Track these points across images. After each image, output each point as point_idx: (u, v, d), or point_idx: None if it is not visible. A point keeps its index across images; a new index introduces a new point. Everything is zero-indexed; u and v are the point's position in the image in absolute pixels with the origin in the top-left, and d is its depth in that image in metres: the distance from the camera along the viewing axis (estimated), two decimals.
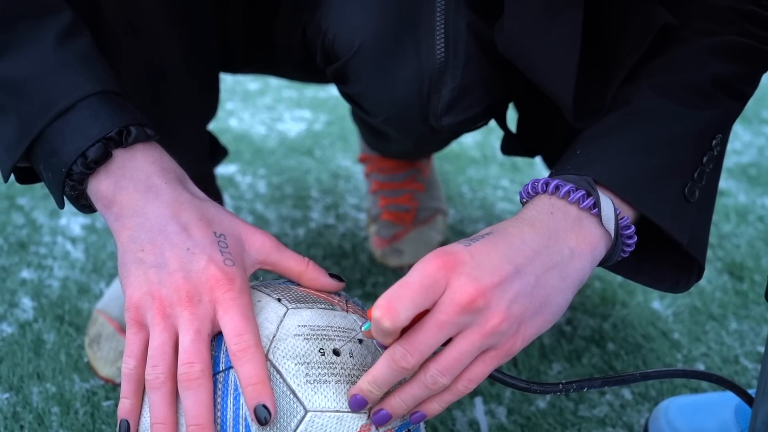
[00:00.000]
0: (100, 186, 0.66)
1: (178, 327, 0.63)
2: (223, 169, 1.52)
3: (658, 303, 1.17)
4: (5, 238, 1.27)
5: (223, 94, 1.89)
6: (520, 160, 1.57)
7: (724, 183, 1.54)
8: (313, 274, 0.70)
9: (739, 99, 0.74)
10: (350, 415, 0.64)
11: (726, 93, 0.72)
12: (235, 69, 1.05)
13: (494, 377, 0.66)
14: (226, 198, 1.42)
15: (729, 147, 1.71)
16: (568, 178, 0.66)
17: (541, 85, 0.74)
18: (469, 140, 1.69)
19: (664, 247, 0.72)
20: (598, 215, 0.65)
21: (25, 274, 1.19)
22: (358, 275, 1.22)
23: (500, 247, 0.62)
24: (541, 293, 0.62)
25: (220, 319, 0.63)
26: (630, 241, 0.67)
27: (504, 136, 0.95)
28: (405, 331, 0.61)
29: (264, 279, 0.74)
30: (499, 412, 0.96)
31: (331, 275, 0.71)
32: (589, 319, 1.13)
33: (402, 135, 0.90)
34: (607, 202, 0.65)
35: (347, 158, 1.61)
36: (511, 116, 0.94)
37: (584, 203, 0.65)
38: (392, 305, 0.58)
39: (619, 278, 1.21)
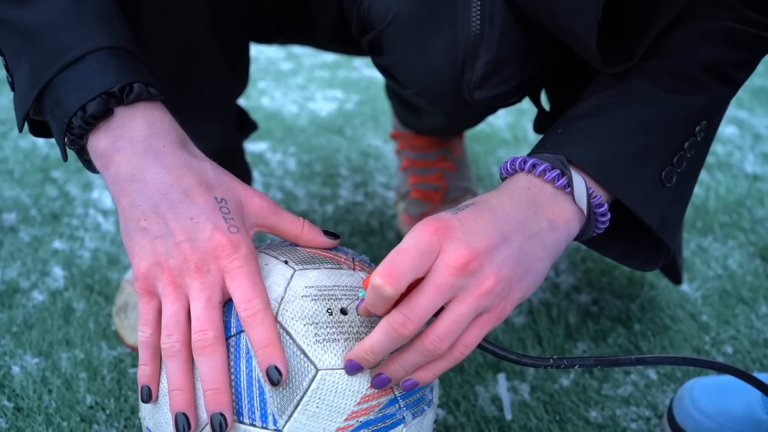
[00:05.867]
0: (99, 143, 0.65)
1: (190, 296, 0.63)
2: (254, 147, 1.53)
3: (687, 285, 1.15)
4: (39, 209, 1.29)
5: (256, 73, 1.90)
6: None
7: (760, 168, 1.52)
8: (310, 235, 0.71)
9: (731, 85, 0.74)
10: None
11: (716, 79, 0.72)
12: (268, 39, 1.05)
13: (486, 349, 0.66)
14: (256, 175, 1.43)
15: (767, 133, 1.68)
16: (544, 157, 0.68)
17: (564, 30, 0.73)
18: (500, 122, 1.68)
19: (636, 227, 0.74)
20: (572, 193, 0.67)
21: (57, 244, 1.20)
22: (385, 252, 1.20)
23: (486, 216, 0.63)
24: (525, 259, 0.64)
25: (228, 287, 0.64)
26: (603, 218, 0.69)
27: (537, 113, 0.94)
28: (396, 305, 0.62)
29: (272, 241, 0.75)
30: (522, 389, 0.95)
31: (326, 233, 0.72)
32: (616, 299, 1.12)
33: (435, 108, 0.89)
34: (579, 181, 0.67)
35: (378, 138, 1.61)
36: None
37: (558, 182, 0.67)
38: (392, 271, 0.59)
39: None
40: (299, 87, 1.85)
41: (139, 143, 0.65)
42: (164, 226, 0.64)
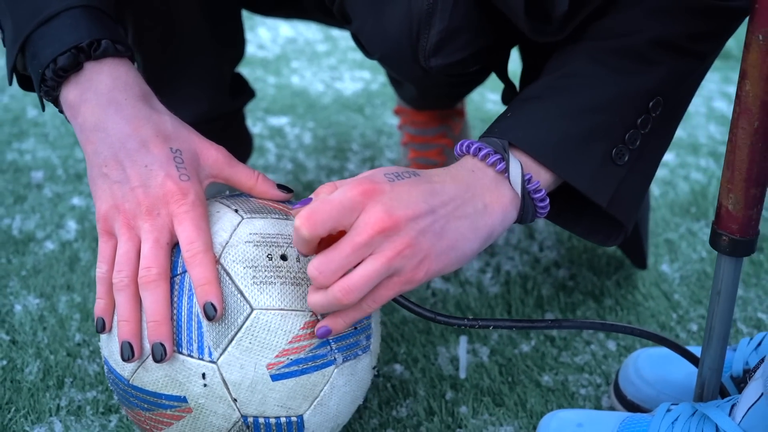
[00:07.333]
0: (69, 95, 0.72)
1: (141, 237, 0.70)
2: (275, 121, 1.60)
3: (667, 266, 1.17)
4: (65, 169, 1.39)
5: (292, 53, 1.97)
6: None
7: None
8: (263, 188, 0.77)
9: (692, 57, 0.76)
10: (293, 312, 0.71)
11: (670, 53, 0.74)
12: (265, 10, 1.11)
13: (403, 305, 0.71)
14: (271, 146, 1.50)
15: None
16: (490, 141, 0.72)
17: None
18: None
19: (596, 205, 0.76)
20: (509, 178, 0.70)
21: (76, 201, 1.30)
22: None
23: (420, 188, 0.67)
24: (449, 236, 0.67)
25: (176, 230, 0.70)
26: (542, 203, 0.72)
27: (504, 87, 0.98)
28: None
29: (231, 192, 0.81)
30: (483, 352, 1.00)
31: (279, 186, 0.77)
32: (593, 276, 1.15)
33: (399, 75, 0.94)
34: (516, 166, 0.70)
35: (395, 117, 1.65)
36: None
37: (498, 167, 0.70)
38: (312, 217, 0.64)
39: None
40: (330, 67, 1.91)
41: (103, 95, 0.72)
42: (122, 172, 0.71)
